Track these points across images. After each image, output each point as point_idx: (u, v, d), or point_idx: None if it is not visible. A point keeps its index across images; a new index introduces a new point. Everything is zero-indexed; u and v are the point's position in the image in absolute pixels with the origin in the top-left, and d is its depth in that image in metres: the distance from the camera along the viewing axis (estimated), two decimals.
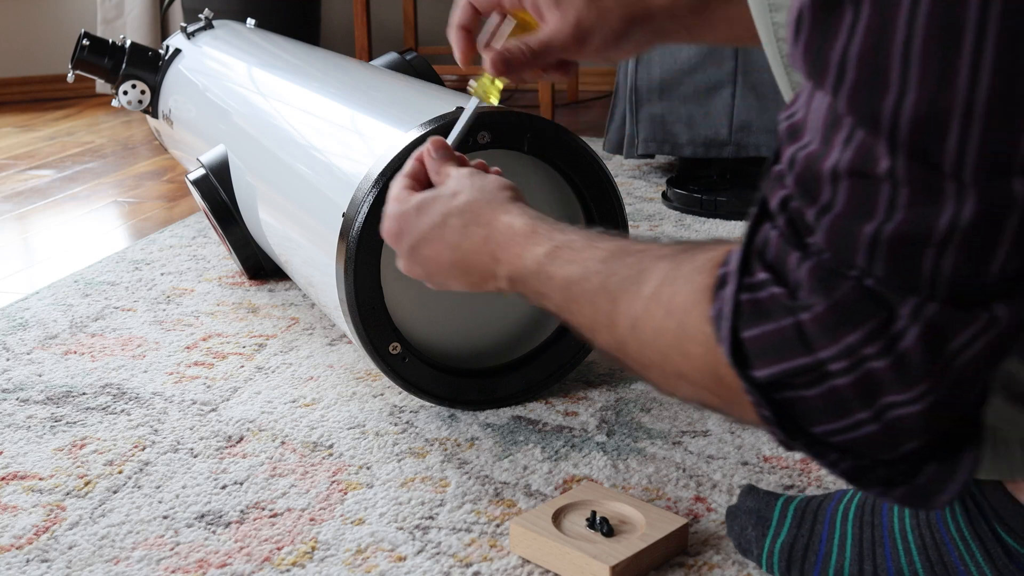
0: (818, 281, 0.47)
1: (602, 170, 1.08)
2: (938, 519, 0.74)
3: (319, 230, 1.10)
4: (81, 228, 1.91)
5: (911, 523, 0.75)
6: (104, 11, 3.24)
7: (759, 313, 0.50)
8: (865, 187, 0.45)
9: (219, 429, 1.07)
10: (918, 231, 0.45)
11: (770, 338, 0.49)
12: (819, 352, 0.48)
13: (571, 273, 0.65)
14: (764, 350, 0.50)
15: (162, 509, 0.93)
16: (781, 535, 0.80)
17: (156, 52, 1.86)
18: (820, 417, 0.50)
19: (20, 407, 1.13)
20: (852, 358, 0.47)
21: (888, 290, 0.46)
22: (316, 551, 0.86)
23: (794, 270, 0.48)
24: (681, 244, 0.60)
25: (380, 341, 1.05)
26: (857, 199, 0.46)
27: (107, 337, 1.33)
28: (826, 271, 0.47)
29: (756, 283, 0.50)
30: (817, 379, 0.48)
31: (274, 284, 1.52)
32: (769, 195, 0.51)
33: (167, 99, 1.80)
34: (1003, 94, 0.42)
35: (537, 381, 1.13)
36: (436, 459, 1.01)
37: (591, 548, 0.81)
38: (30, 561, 0.85)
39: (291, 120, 1.34)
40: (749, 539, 0.82)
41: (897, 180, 0.44)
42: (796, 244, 0.49)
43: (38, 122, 2.97)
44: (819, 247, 0.48)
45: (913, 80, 0.43)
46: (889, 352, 0.46)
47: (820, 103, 0.48)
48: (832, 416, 0.49)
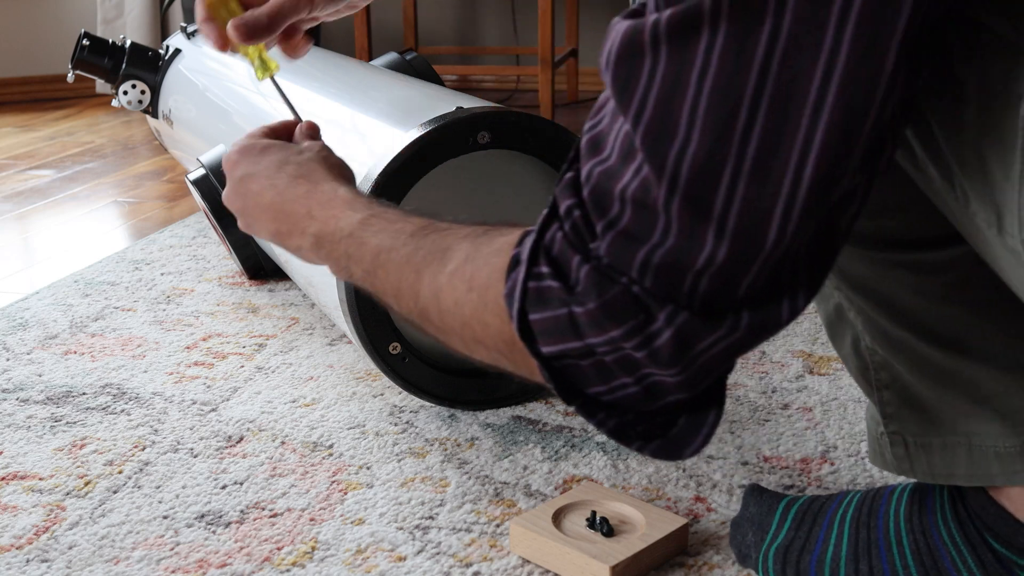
0: (593, 283, 0.55)
1: None
2: (931, 524, 0.75)
3: None
4: (81, 228, 1.91)
5: (906, 527, 0.76)
6: (104, 11, 3.24)
7: (541, 300, 0.57)
8: (645, 215, 0.52)
9: (219, 429, 1.07)
10: (682, 260, 0.52)
11: (549, 323, 0.57)
12: (588, 339, 0.56)
13: (382, 241, 0.70)
14: (545, 331, 0.57)
15: (162, 509, 0.93)
16: (779, 538, 0.80)
17: (156, 52, 1.86)
18: (591, 382, 0.58)
19: (20, 407, 1.13)
20: (614, 346, 0.55)
21: (651, 298, 0.54)
22: (316, 551, 0.86)
23: (575, 270, 0.56)
24: (481, 226, 0.67)
25: (380, 341, 1.04)
26: (637, 223, 0.53)
27: (107, 337, 1.33)
28: (601, 275, 0.55)
29: (540, 274, 0.57)
30: (587, 355, 0.57)
31: (274, 284, 1.52)
32: (560, 199, 0.57)
33: (167, 99, 1.80)
34: (766, 158, 0.49)
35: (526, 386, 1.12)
36: (436, 459, 1.01)
37: (591, 548, 0.81)
38: (30, 561, 0.85)
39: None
40: (748, 545, 0.82)
41: (671, 216, 0.52)
42: (579, 248, 0.56)
43: (38, 122, 2.97)
44: (599, 254, 0.55)
45: (696, 134, 0.50)
46: (645, 347, 0.55)
47: (622, 127, 0.53)
48: (600, 381, 0.58)
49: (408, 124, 1.05)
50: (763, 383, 1.16)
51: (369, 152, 1.08)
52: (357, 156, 1.10)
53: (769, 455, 1.00)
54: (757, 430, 1.05)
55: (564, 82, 3.29)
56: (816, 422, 1.07)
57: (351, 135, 1.20)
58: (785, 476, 0.96)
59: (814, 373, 1.19)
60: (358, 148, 1.13)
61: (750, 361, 1.22)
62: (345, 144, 1.19)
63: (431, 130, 1.01)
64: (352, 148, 1.16)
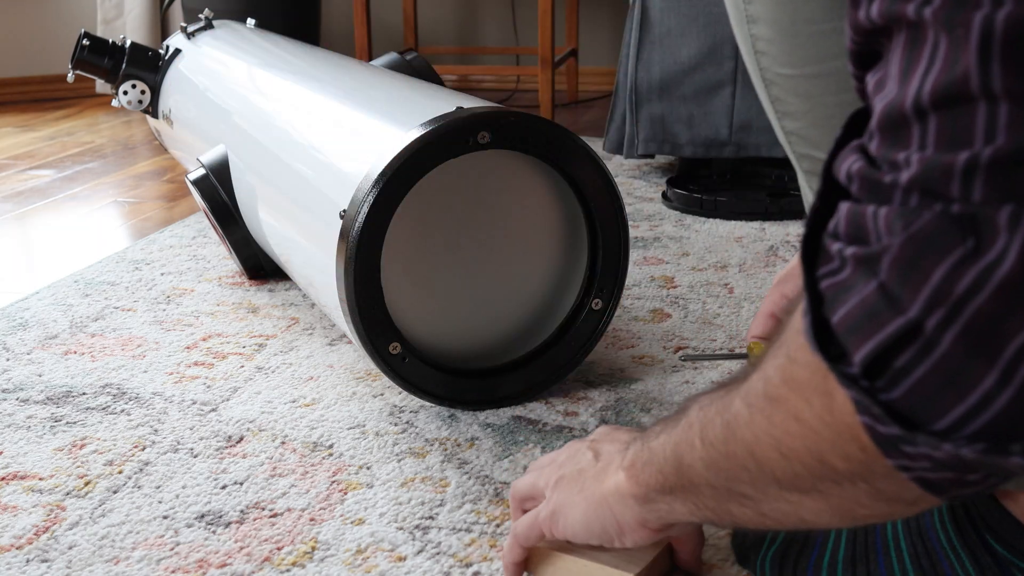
0: (897, 219, 0.41)
1: (602, 170, 1.09)
2: (928, 527, 0.74)
3: (319, 230, 1.10)
4: (81, 228, 1.91)
5: (903, 530, 0.75)
6: (104, 11, 3.24)
7: (839, 291, 0.43)
8: (957, 115, 0.39)
9: (219, 429, 1.07)
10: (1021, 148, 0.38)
11: (855, 311, 0.42)
12: (908, 308, 0.40)
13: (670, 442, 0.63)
14: (852, 327, 0.43)
15: (162, 509, 0.93)
16: (776, 541, 0.80)
17: (156, 52, 1.86)
18: (938, 394, 0.41)
19: (20, 407, 1.13)
20: (945, 302, 0.39)
21: (981, 209, 0.39)
22: (316, 551, 0.86)
23: (870, 220, 0.42)
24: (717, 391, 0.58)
25: (380, 341, 1.05)
26: (949, 129, 0.40)
27: (107, 337, 1.33)
28: (907, 210, 0.41)
29: (832, 266, 0.44)
30: (913, 335, 0.40)
31: (274, 284, 1.52)
32: (838, 170, 0.45)
33: (167, 99, 1.80)
34: None
35: (537, 382, 1.13)
36: (436, 459, 1.01)
37: (610, 559, 0.79)
38: (30, 561, 0.85)
39: (291, 120, 1.34)
40: (748, 547, 0.82)
41: (994, 97, 0.38)
42: (876, 197, 0.42)
43: (38, 122, 2.97)
44: (903, 192, 0.41)
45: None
46: (988, 280, 0.38)
47: (897, 44, 0.42)
48: (947, 385, 0.40)
49: (408, 124, 1.05)
50: None
51: (369, 152, 1.08)
52: (357, 156, 1.10)
53: None
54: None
55: (564, 82, 3.29)
56: None
57: (351, 135, 1.21)
58: None
59: None
60: (358, 148, 1.13)
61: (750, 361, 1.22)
62: (345, 144, 1.19)
63: (431, 130, 1.01)
64: (352, 148, 1.16)
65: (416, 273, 1.08)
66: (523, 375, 1.12)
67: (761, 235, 1.74)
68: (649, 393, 1.14)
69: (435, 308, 1.10)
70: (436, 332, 1.11)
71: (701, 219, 1.85)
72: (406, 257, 1.07)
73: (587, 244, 1.12)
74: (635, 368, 1.21)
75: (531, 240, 1.12)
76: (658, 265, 1.59)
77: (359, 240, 1.00)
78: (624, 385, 1.16)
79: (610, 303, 1.13)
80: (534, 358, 1.13)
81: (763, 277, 1.52)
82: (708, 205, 1.86)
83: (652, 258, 1.62)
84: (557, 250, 1.13)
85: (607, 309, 1.13)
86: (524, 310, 1.14)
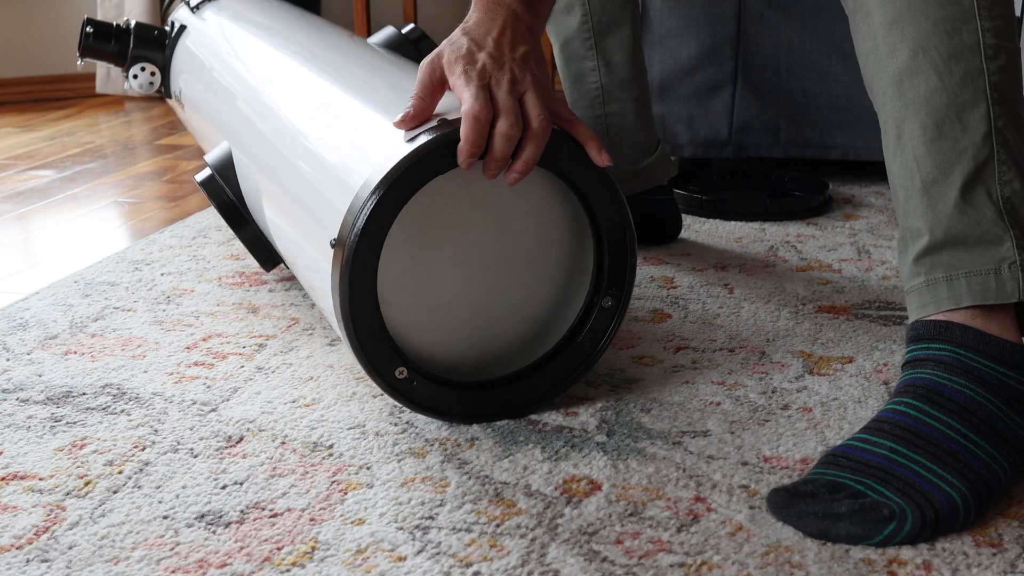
0: None
1: (603, 171, 1.08)
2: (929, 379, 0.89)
3: (315, 258, 1.09)
4: (81, 228, 1.91)
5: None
6: (104, 11, 3.25)
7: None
8: None
9: (219, 429, 1.07)
10: None
11: None
12: None
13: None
14: None
15: (162, 509, 0.93)
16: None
17: (162, 30, 1.81)
18: None
19: (20, 407, 1.13)
20: None
21: None
22: (316, 551, 0.86)
23: None
24: None
25: (386, 368, 1.02)
26: None
27: (107, 337, 1.33)
28: None
29: None
30: None
31: (274, 284, 1.52)
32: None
33: (177, 79, 1.75)
34: None
35: (554, 385, 1.11)
36: (436, 459, 1.01)
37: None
38: (30, 561, 0.85)
39: (294, 116, 1.32)
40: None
41: None
42: None
43: (38, 122, 2.97)
44: None
45: None
46: None
47: None
48: None
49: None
50: (763, 383, 1.16)
51: (375, 156, 1.07)
52: (355, 169, 1.09)
53: (769, 455, 1.00)
54: (757, 430, 1.05)
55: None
56: (816, 422, 1.07)
57: (353, 135, 1.20)
58: (785, 476, 0.96)
59: (814, 373, 1.19)
60: (359, 148, 1.12)
61: (750, 361, 1.22)
62: (346, 143, 1.18)
63: (432, 139, 1.00)
64: (353, 148, 1.15)
65: (418, 288, 1.06)
66: (538, 380, 1.10)
67: (761, 235, 1.74)
68: (649, 393, 1.14)
69: (441, 322, 1.08)
70: (444, 346, 1.09)
71: (701, 219, 1.85)
72: (406, 274, 1.05)
73: (592, 243, 1.11)
74: (635, 368, 1.21)
75: (535, 243, 1.11)
76: (658, 265, 1.59)
77: (352, 270, 0.98)
78: (624, 385, 1.16)
79: (621, 299, 1.12)
80: (547, 362, 1.11)
81: (763, 277, 1.52)
82: (708, 205, 1.86)
83: (652, 258, 1.62)
84: (562, 252, 1.12)
85: (619, 306, 1.12)
86: (533, 314, 1.12)
